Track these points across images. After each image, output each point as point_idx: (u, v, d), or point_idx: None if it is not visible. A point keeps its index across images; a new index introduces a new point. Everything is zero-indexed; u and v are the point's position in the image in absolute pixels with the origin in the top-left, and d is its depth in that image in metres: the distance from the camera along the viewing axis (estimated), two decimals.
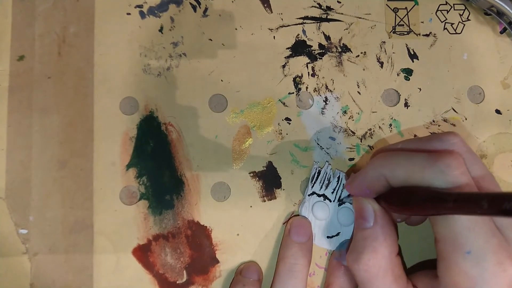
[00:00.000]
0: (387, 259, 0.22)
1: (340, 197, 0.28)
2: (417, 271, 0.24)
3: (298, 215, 0.28)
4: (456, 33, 0.30)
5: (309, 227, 0.27)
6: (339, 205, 0.28)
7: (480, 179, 0.22)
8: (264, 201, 0.28)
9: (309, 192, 0.28)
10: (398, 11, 0.30)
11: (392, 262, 0.23)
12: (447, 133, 0.23)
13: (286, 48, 0.29)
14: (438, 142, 0.23)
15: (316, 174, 0.28)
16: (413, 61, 0.30)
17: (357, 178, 0.24)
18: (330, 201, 0.27)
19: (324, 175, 0.28)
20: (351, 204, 0.27)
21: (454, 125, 0.29)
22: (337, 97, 0.29)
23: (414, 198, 0.21)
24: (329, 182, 0.28)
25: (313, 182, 0.28)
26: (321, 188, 0.28)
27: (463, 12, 0.30)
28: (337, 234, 0.27)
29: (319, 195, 0.28)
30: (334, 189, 0.28)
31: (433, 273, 0.22)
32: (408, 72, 0.30)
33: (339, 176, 0.28)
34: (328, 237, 0.27)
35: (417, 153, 0.22)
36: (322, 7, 0.30)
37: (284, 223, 0.28)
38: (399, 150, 0.24)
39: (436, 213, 0.20)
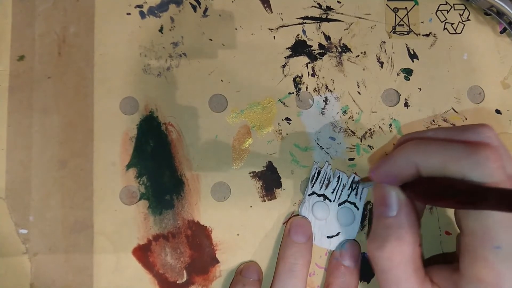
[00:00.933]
0: (411, 248, 0.22)
1: (340, 196, 0.28)
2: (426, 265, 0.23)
3: (298, 215, 0.28)
4: (456, 33, 0.30)
5: (309, 227, 0.27)
6: (339, 205, 0.28)
7: None
8: (264, 201, 0.28)
9: (309, 192, 0.28)
10: (398, 11, 0.30)
11: (415, 252, 0.22)
12: (481, 125, 0.22)
13: (286, 48, 0.29)
14: (473, 134, 0.22)
15: (316, 174, 0.28)
16: (413, 61, 0.30)
17: (384, 165, 0.23)
18: (330, 201, 0.27)
19: (324, 175, 0.28)
20: (368, 188, 0.27)
21: (454, 125, 0.29)
22: (337, 97, 0.29)
23: (449, 189, 0.20)
24: (329, 182, 0.28)
25: (313, 182, 0.28)
26: (321, 188, 0.28)
27: (463, 12, 0.30)
28: (337, 234, 0.27)
29: (319, 195, 0.28)
30: (334, 189, 0.28)
31: (452, 267, 0.22)
32: (408, 72, 0.30)
33: (339, 176, 0.28)
34: (328, 237, 0.27)
35: (453, 142, 0.21)
36: (322, 7, 0.30)
37: (284, 223, 0.28)
38: (432, 139, 0.23)
39: (472, 207, 0.20)
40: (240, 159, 0.28)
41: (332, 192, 0.28)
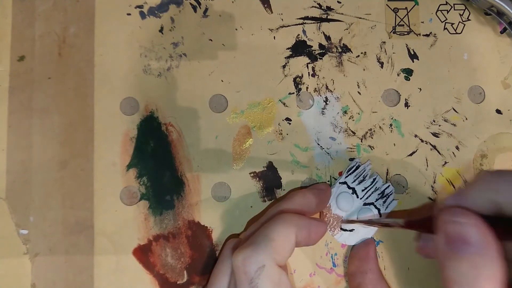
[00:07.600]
0: None
1: (369, 197, 0.27)
2: None
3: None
4: (456, 33, 0.30)
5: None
6: (364, 204, 0.27)
7: None
8: (265, 201, 0.28)
9: (341, 180, 0.28)
10: (398, 11, 0.30)
11: None
12: None
13: (286, 48, 0.29)
14: None
15: (354, 167, 0.28)
16: (413, 61, 0.30)
17: (458, 200, 0.20)
18: (357, 197, 0.27)
19: (362, 171, 0.28)
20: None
21: (454, 125, 0.29)
22: (338, 97, 0.29)
23: None
24: (363, 179, 0.28)
25: (348, 173, 0.28)
26: (353, 181, 0.28)
27: (463, 12, 0.30)
28: (351, 230, 0.27)
29: (349, 187, 0.28)
30: (366, 188, 0.28)
31: None
32: (408, 72, 0.30)
33: (375, 179, 0.28)
34: (342, 229, 0.27)
35: None
36: (322, 7, 0.30)
37: None
38: None
39: None
40: (240, 159, 0.28)
41: (363, 190, 0.28)
